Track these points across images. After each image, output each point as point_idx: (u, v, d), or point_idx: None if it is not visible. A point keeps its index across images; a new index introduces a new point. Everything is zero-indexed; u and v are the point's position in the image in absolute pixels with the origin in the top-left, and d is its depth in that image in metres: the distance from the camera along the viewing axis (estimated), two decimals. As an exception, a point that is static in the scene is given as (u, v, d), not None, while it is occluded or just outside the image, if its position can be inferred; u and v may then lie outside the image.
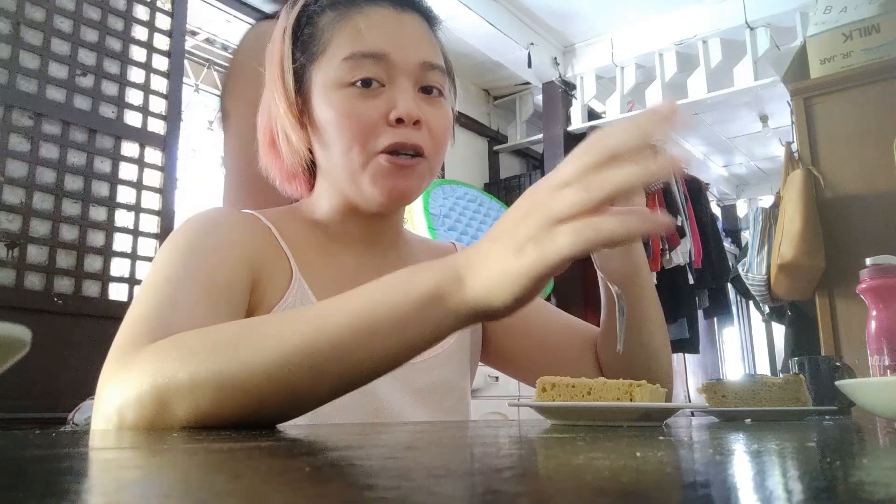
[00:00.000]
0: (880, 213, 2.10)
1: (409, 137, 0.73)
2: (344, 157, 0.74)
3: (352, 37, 0.75)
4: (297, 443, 0.40)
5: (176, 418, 0.51)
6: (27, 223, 1.95)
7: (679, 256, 3.51)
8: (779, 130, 4.48)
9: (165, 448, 0.36)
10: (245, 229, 0.74)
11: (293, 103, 0.77)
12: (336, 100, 0.74)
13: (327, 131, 0.75)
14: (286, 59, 0.78)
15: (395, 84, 0.74)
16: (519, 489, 0.23)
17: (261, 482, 0.23)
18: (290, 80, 0.77)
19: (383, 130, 0.73)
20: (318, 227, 0.81)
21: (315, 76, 0.76)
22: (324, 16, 0.77)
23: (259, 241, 0.74)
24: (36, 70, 2.03)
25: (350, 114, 0.73)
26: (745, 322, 5.90)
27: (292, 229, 0.78)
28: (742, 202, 6.01)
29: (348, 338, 0.50)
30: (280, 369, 0.50)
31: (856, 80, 2.20)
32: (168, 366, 0.52)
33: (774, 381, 0.81)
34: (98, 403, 0.54)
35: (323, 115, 0.75)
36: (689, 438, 0.47)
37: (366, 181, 0.74)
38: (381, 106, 0.74)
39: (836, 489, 0.23)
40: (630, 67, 3.78)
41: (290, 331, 0.51)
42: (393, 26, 0.76)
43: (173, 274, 0.65)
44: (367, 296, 0.52)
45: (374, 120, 0.73)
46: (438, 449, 0.40)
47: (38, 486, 0.23)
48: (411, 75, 0.75)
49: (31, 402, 1.80)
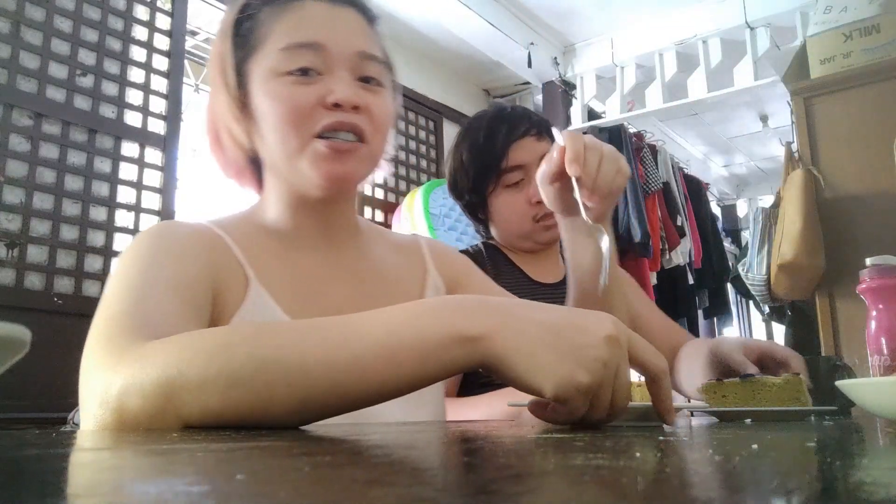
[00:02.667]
0: (880, 213, 2.10)
1: (348, 118, 0.74)
2: (282, 142, 0.75)
3: (288, 28, 0.76)
4: (296, 443, 0.40)
5: (180, 413, 0.51)
6: (27, 223, 1.95)
7: (679, 256, 3.51)
8: (779, 130, 4.48)
9: (165, 448, 0.36)
10: (202, 240, 0.74)
11: (234, 97, 0.78)
12: (273, 88, 0.75)
13: (266, 120, 0.76)
14: (226, 55, 0.80)
15: (333, 73, 0.75)
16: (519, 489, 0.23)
17: (261, 482, 0.23)
18: (231, 75, 0.78)
19: (320, 114, 0.74)
20: (271, 232, 0.81)
21: (254, 69, 0.77)
22: (262, 11, 0.79)
23: (214, 251, 0.74)
24: (36, 70, 2.03)
25: (286, 99, 0.74)
26: (745, 322, 5.89)
27: (246, 236, 0.78)
28: (742, 202, 6.01)
29: (370, 359, 0.51)
30: (299, 375, 0.50)
31: (856, 80, 2.20)
32: (177, 360, 0.52)
33: (774, 382, 0.81)
34: (91, 391, 0.54)
35: (262, 106, 0.76)
36: (689, 438, 0.47)
37: (305, 165, 0.75)
38: (317, 91, 0.74)
39: (836, 489, 0.23)
40: (630, 67, 3.78)
41: (311, 342, 0.52)
42: (329, 18, 0.78)
43: (142, 277, 0.66)
44: (390, 320, 0.53)
45: (311, 104, 0.74)
46: (438, 449, 0.40)
47: (36, 486, 0.23)
48: (348, 65, 0.76)
49: (31, 402, 1.80)
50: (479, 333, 0.51)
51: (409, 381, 0.52)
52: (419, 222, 2.95)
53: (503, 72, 3.79)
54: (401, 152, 3.36)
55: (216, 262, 0.73)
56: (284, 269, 0.78)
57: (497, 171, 1.26)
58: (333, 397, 0.51)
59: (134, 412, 0.51)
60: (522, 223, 1.27)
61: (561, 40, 3.88)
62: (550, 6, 3.50)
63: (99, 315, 0.62)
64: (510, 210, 1.28)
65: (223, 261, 0.74)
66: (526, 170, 1.25)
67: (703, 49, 3.55)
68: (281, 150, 0.75)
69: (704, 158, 5.27)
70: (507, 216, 1.29)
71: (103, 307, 0.63)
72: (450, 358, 0.51)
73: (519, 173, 1.26)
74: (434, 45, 3.47)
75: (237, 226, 0.80)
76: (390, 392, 0.52)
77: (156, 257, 0.69)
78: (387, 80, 0.81)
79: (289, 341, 0.52)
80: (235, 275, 0.74)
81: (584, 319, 0.53)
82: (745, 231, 5.43)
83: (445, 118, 3.69)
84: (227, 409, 0.50)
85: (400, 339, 0.52)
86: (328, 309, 0.78)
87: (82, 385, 0.57)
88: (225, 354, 0.51)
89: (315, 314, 0.76)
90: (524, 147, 1.26)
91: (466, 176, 1.30)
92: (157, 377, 0.51)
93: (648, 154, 3.60)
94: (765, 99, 4.16)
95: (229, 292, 0.73)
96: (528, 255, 1.33)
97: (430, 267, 0.92)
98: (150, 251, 0.69)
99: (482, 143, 1.28)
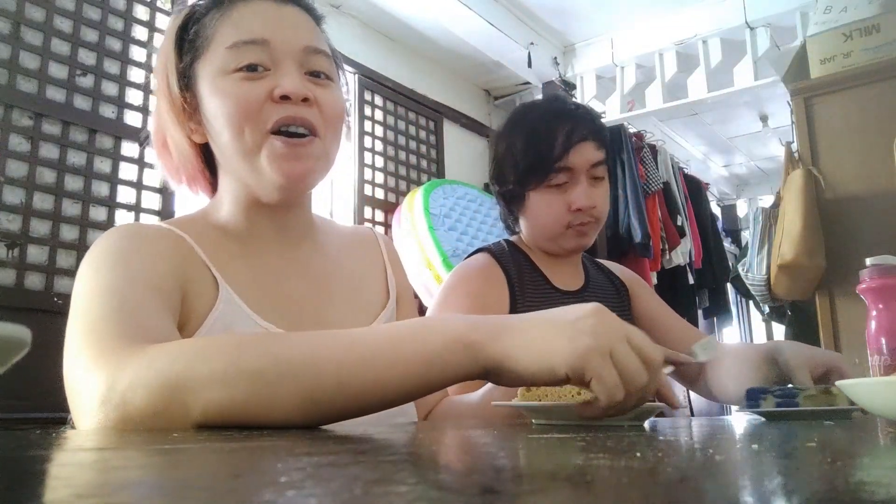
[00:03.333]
0: (880, 213, 2.10)
1: (298, 112, 0.74)
2: (236, 141, 0.74)
3: (234, 27, 0.76)
4: (299, 443, 0.40)
5: (187, 408, 0.51)
6: (27, 223, 1.94)
7: (679, 256, 3.51)
8: (779, 130, 4.48)
9: (166, 448, 0.36)
10: (165, 242, 0.74)
11: (176, 99, 0.78)
12: (222, 86, 0.75)
13: (217, 119, 0.75)
14: (169, 62, 0.79)
15: (280, 68, 0.75)
16: (519, 489, 0.23)
17: (262, 482, 0.23)
18: (174, 81, 0.78)
19: (271, 109, 0.74)
20: (228, 232, 0.80)
21: (202, 71, 0.77)
22: (208, 14, 0.79)
23: (181, 253, 0.74)
24: (36, 70, 2.02)
25: (235, 96, 0.74)
26: (745, 322, 5.89)
27: (206, 237, 0.78)
28: (742, 202, 6.01)
29: (377, 361, 0.52)
30: (307, 371, 0.51)
31: (856, 80, 2.20)
32: (187, 357, 0.53)
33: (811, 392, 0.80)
34: (90, 391, 0.54)
35: (211, 106, 0.76)
36: (690, 439, 0.47)
37: (262, 164, 0.74)
38: (266, 85, 0.74)
39: (836, 489, 0.23)
40: (630, 67, 3.78)
41: (321, 344, 0.53)
42: (274, 15, 0.78)
43: (118, 278, 0.65)
44: (396, 330, 0.55)
45: (261, 99, 0.74)
46: (439, 448, 0.40)
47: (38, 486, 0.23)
48: (295, 59, 0.76)
49: (31, 402, 1.80)
50: (480, 338, 0.53)
51: (415, 385, 0.53)
52: (419, 222, 2.95)
53: (503, 72, 3.79)
54: (401, 152, 3.36)
55: (183, 264, 0.73)
56: (246, 270, 0.78)
57: (550, 169, 1.20)
58: (340, 397, 0.52)
59: (139, 408, 0.51)
60: (556, 226, 1.23)
61: (561, 40, 3.88)
62: (550, 6, 3.50)
63: (80, 318, 0.61)
64: (548, 210, 1.23)
65: (190, 262, 0.74)
66: (574, 173, 1.20)
67: (703, 49, 3.55)
68: (236, 149, 0.75)
69: (704, 158, 5.27)
70: (543, 216, 1.24)
71: (82, 309, 0.62)
72: (454, 362, 0.53)
73: (566, 175, 1.20)
74: (434, 45, 3.46)
75: (195, 226, 0.79)
76: (396, 396, 0.53)
77: (127, 258, 0.68)
78: (335, 76, 0.81)
79: (299, 342, 0.54)
80: (203, 276, 0.74)
81: (567, 306, 0.56)
82: (745, 231, 5.43)
83: (445, 118, 3.69)
84: (235, 404, 0.51)
85: (406, 344, 0.53)
86: (293, 307, 0.78)
87: (73, 388, 0.57)
88: (236, 351, 0.52)
89: (281, 313, 0.76)
90: (581, 152, 1.20)
91: (515, 166, 1.24)
92: (164, 373, 0.51)
93: (648, 154, 3.60)
94: (765, 99, 4.16)
95: (198, 294, 0.72)
96: (551, 258, 1.29)
97: (387, 264, 0.93)
98: (119, 252, 0.69)
99: (542, 137, 1.21)
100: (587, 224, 1.22)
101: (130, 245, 0.70)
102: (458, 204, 3.18)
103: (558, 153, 1.19)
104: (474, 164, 3.86)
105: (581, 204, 1.19)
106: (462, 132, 3.84)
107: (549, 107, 1.28)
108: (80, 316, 0.62)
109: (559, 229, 1.23)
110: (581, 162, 1.20)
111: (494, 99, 4.22)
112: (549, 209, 1.23)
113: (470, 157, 3.86)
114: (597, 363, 0.51)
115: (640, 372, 0.52)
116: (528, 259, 1.28)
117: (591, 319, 0.53)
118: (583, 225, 1.22)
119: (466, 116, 3.87)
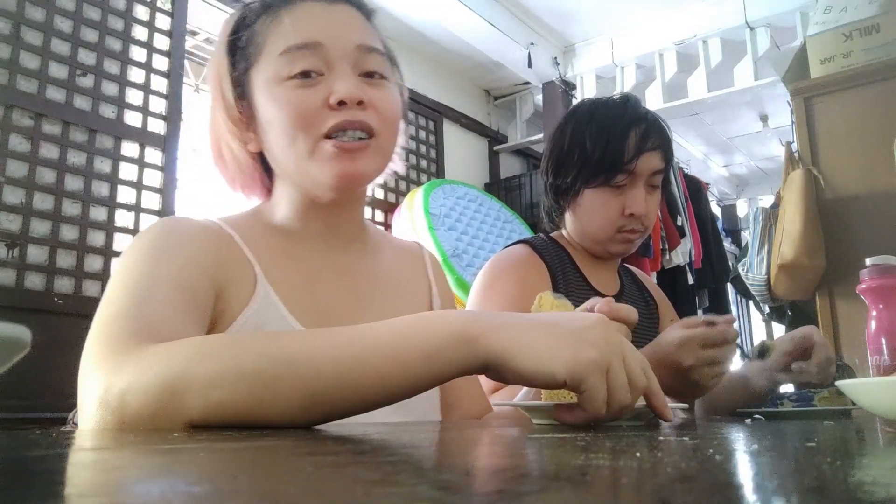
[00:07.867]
0: (880, 213, 2.10)
1: (354, 116, 0.74)
2: (290, 147, 0.74)
3: (285, 32, 0.76)
4: (299, 443, 0.40)
5: (185, 409, 0.51)
6: (27, 223, 1.95)
7: (679, 256, 3.51)
8: (779, 130, 4.47)
9: (166, 448, 0.36)
10: (208, 237, 0.74)
11: (232, 109, 0.78)
12: (276, 94, 0.75)
13: (273, 127, 0.75)
14: (222, 71, 0.79)
15: (334, 71, 0.75)
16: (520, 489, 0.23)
17: (264, 482, 0.23)
18: (228, 89, 0.78)
19: (326, 115, 0.73)
20: (279, 231, 0.81)
21: (256, 78, 0.77)
22: (258, 21, 0.78)
23: (222, 249, 0.74)
24: (36, 70, 2.03)
25: (291, 104, 0.74)
26: (745, 322, 5.89)
27: (255, 234, 0.78)
28: (742, 202, 6.01)
29: (376, 357, 0.52)
30: (306, 368, 0.51)
31: (856, 80, 2.20)
32: (185, 357, 0.52)
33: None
34: (90, 391, 0.54)
35: (266, 113, 0.76)
36: (690, 438, 0.47)
37: (315, 168, 0.74)
38: (321, 92, 0.74)
39: (836, 489, 0.23)
40: (630, 67, 3.78)
41: (320, 341, 0.53)
42: (324, 16, 0.77)
43: (144, 274, 0.66)
44: (396, 325, 0.55)
45: (316, 106, 0.73)
46: (440, 449, 0.40)
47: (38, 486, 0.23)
48: (349, 60, 0.76)
49: (31, 402, 1.80)
50: (480, 332, 0.53)
51: (415, 380, 0.53)
52: (419, 222, 2.95)
53: (503, 72, 3.79)
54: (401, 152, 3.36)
55: (223, 259, 0.73)
56: (291, 268, 0.78)
57: (619, 169, 1.18)
58: (340, 394, 0.51)
59: (135, 411, 0.51)
60: (606, 227, 1.22)
61: (561, 40, 3.88)
62: (550, 6, 3.50)
63: (100, 313, 0.62)
64: (602, 210, 1.21)
65: (231, 257, 0.74)
66: (635, 178, 1.19)
67: (703, 49, 3.55)
68: (290, 155, 0.75)
69: (704, 158, 5.27)
70: (596, 215, 1.22)
71: (104, 305, 0.63)
72: (454, 357, 0.52)
73: (627, 178, 1.19)
74: (434, 45, 3.46)
75: (245, 223, 0.79)
76: (396, 392, 0.53)
77: (159, 255, 0.68)
78: (390, 73, 0.80)
79: (298, 340, 0.54)
80: (244, 271, 0.74)
81: (574, 314, 0.57)
82: (745, 231, 5.43)
83: (445, 118, 3.69)
84: (234, 404, 0.51)
85: (405, 339, 0.53)
86: (332, 309, 0.78)
87: (81, 385, 0.57)
88: (234, 350, 0.52)
89: (319, 314, 0.76)
90: (649, 159, 1.19)
91: (580, 160, 1.21)
92: (161, 375, 0.51)
93: (648, 154, 3.59)
94: (765, 99, 4.16)
95: (236, 289, 0.72)
96: (591, 259, 1.28)
97: (433, 282, 0.93)
98: (153, 249, 0.69)
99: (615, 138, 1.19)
100: (635, 232, 1.21)
101: (168, 241, 0.71)
102: (459, 204, 3.18)
103: (632, 155, 1.18)
104: (474, 164, 3.86)
105: (636, 209, 1.18)
106: (462, 132, 3.84)
107: (624, 108, 1.25)
108: (101, 310, 0.62)
109: (609, 231, 1.22)
110: (645, 169, 1.19)
111: (494, 99, 4.22)
112: (603, 209, 1.21)
113: (470, 157, 3.86)
114: (596, 378, 0.51)
115: (626, 393, 0.53)
116: (569, 256, 1.27)
117: (595, 331, 0.54)
118: (631, 232, 1.21)
119: (466, 116, 3.87)
